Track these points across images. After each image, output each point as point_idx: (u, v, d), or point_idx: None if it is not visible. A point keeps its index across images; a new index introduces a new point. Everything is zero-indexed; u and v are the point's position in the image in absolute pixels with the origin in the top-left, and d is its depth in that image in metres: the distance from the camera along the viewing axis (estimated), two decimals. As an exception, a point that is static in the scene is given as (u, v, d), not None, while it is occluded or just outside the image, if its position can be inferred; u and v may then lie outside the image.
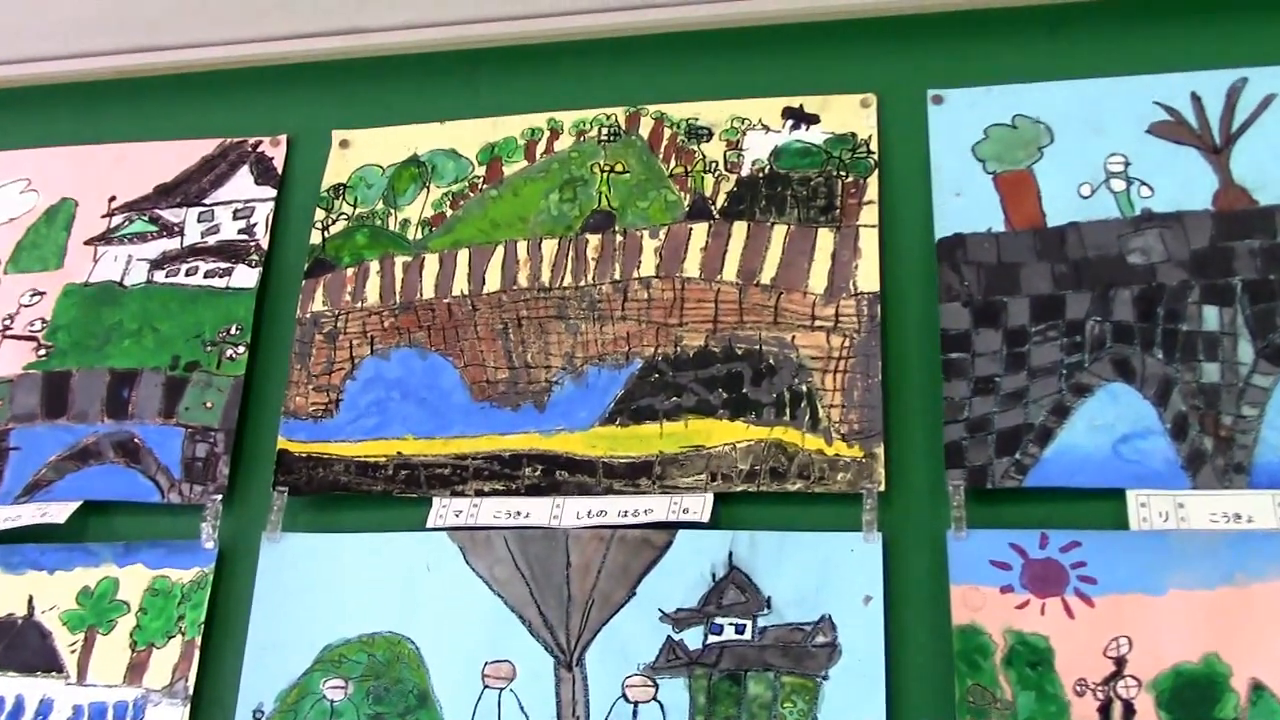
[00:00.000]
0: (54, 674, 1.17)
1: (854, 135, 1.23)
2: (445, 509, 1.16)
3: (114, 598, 1.19)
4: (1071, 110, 1.20)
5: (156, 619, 1.17)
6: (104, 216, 1.38)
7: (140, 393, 1.27)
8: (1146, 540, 1.02)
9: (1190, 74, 1.18)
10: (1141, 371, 1.08)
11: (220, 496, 1.20)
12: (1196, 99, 1.18)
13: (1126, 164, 1.16)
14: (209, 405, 1.24)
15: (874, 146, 1.22)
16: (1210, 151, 1.15)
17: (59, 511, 1.21)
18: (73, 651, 1.17)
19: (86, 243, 1.37)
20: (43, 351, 1.31)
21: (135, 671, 1.15)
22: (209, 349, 1.27)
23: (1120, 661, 1.00)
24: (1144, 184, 1.15)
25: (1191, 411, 1.06)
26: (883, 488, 1.08)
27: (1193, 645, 0.99)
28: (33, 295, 1.35)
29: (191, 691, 1.13)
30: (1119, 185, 1.16)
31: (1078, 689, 1.00)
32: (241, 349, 1.26)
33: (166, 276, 1.33)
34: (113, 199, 1.39)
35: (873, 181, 1.20)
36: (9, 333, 1.33)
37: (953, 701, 1.00)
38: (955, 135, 1.21)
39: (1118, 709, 0.98)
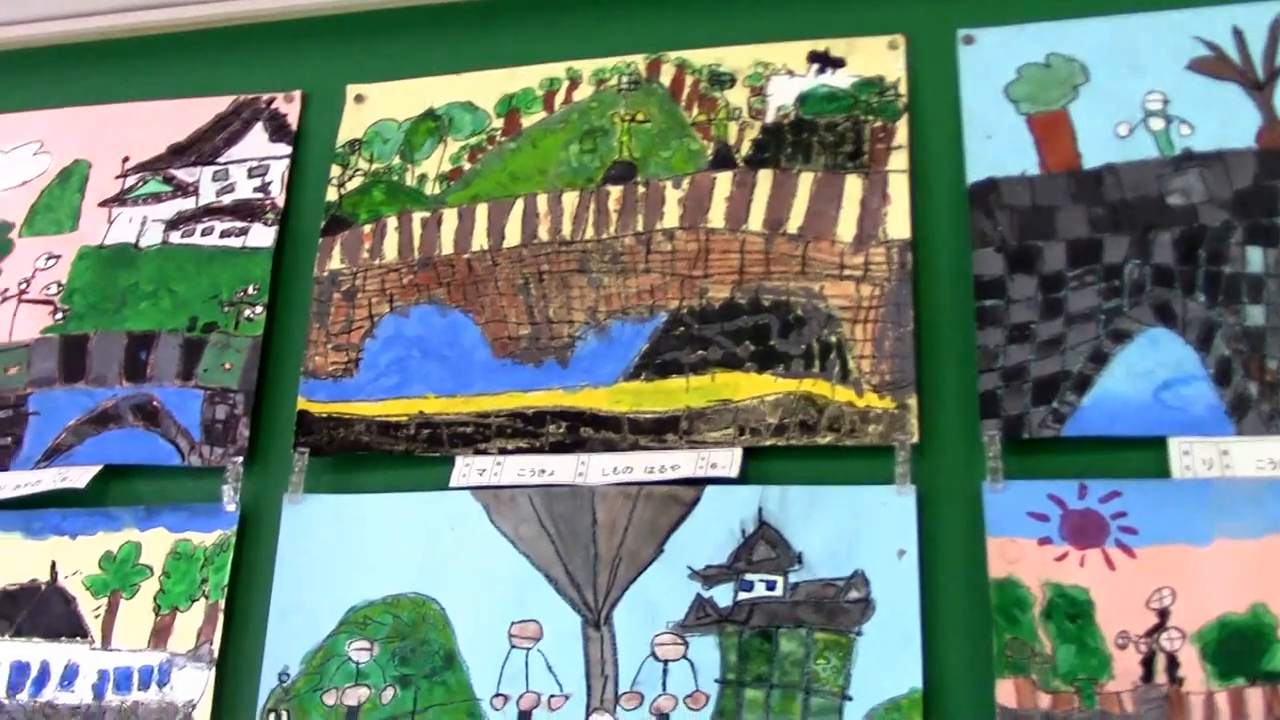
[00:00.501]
0: (78, 639, 1.15)
1: (882, 79, 1.19)
2: (468, 468, 1.13)
3: (137, 562, 1.17)
4: (1107, 47, 1.15)
5: (180, 582, 1.15)
6: (118, 177, 1.35)
7: (158, 355, 1.25)
8: (1190, 489, 0.99)
9: (1231, 7, 1.13)
10: (1183, 316, 1.04)
11: (241, 458, 1.18)
12: (1238, 33, 1.13)
13: (1166, 102, 1.12)
14: (228, 366, 1.22)
15: (903, 90, 1.18)
16: (1253, 88, 1.11)
17: (80, 476, 1.20)
18: (96, 616, 1.16)
19: (101, 204, 1.34)
20: (59, 315, 1.29)
21: (159, 635, 1.14)
22: (226, 310, 1.25)
23: (1163, 613, 0.97)
24: (1184, 122, 1.11)
25: (1236, 356, 1.02)
26: (916, 439, 1.05)
27: (1239, 596, 0.96)
28: (48, 259, 1.32)
29: (216, 655, 1.11)
30: (1158, 124, 1.11)
31: (1119, 642, 0.96)
32: (259, 309, 1.24)
33: (182, 237, 1.30)
34: (126, 159, 1.36)
35: (902, 126, 1.16)
36: (25, 297, 1.31)
37: (990, 656, 0.97)
38: (987, 76, 1.16)
39: (1161, 661, 0.95)
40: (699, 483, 1.07)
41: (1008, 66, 1.17)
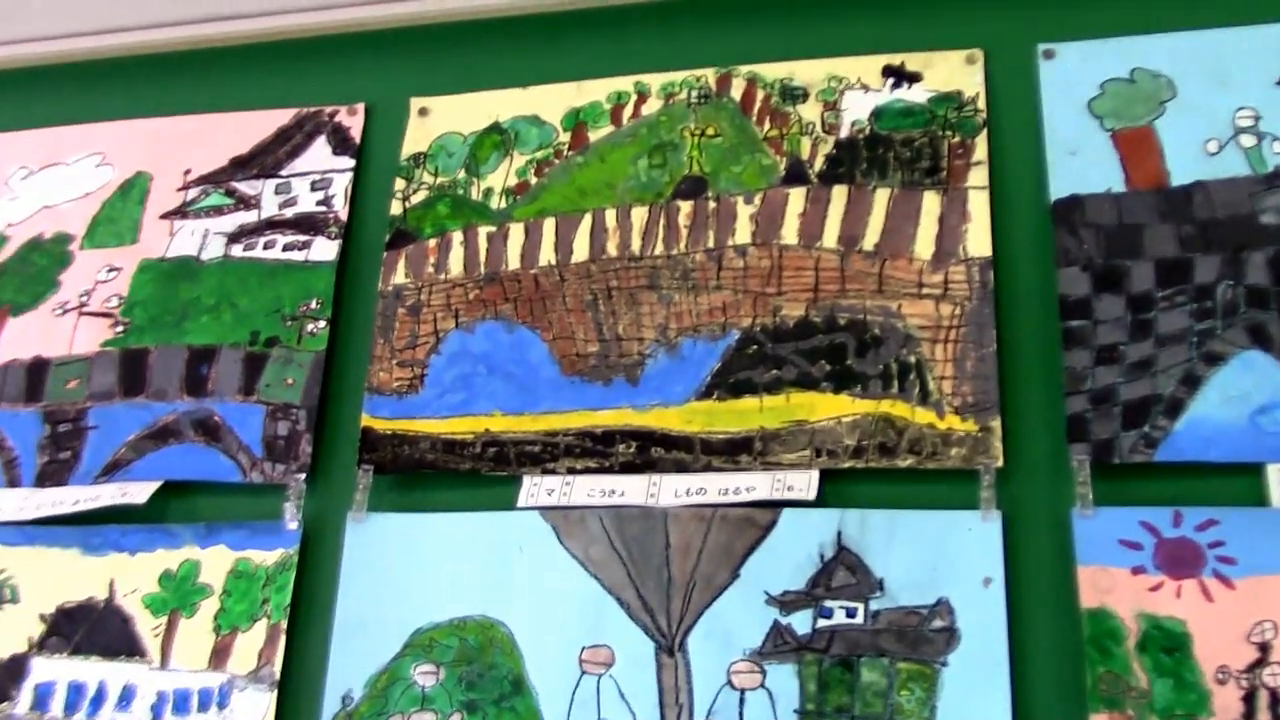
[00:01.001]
0: (137, 658, 1.13)
1: (960, 93, 1.15)
2: (536, 488, 1.10)
3: (196, 580, 1.15)
4: (1194, 63, 1.12)
5: (240, 602, 1.12)
6: (179, 190, 1.33)
7: (219, 369, 1.22)
8: (1290, 518, 0.95)
9: (1323, 21, 1.10)
10: (1279, 338, 1.00)
11: (303, 475, 1.15)
12: (1331, 47, 1.09)
13: (1257, 118, 1.08)
14: (290, 382, 1.20)
15: (981, 105, 1.15)
16: (1347, 103, 1.07)
17: (139, 491, 1.17)
18: (155, 635, 1.13)
19: (162, 217, 1.32)
20: (120, 328, 1.27)
21: (219, 656, 1.11)
22: (289, 324, 1.23)
23: (1265, 647, 0.92)
24: (1276, 139, 1.07)
25: (1334, 380, 0.98)
26: (1000, 463, 1.01)
27: (1343, 630, 0.91)
28: (109, 271, 1.30)
29: (278, 677, 1.08)
30: (1249, 141, 1.07)
31: (1219, 677, 0.92)
32: (322, 323, 1.22)
33: (244, 250, 1.28)
34: (188, 172, 1.34)
35: (981, 141, 1.13)
36: (85, 310, 1.29)
37: (1083, 690, 0.93)
38: (1068, 91, 1.13)
39: (1263, 698, 0.91)
40: (775, 505, 1.04)
41: (1090, 82, 1.13)
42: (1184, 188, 1.07)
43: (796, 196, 1.15)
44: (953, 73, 1.17)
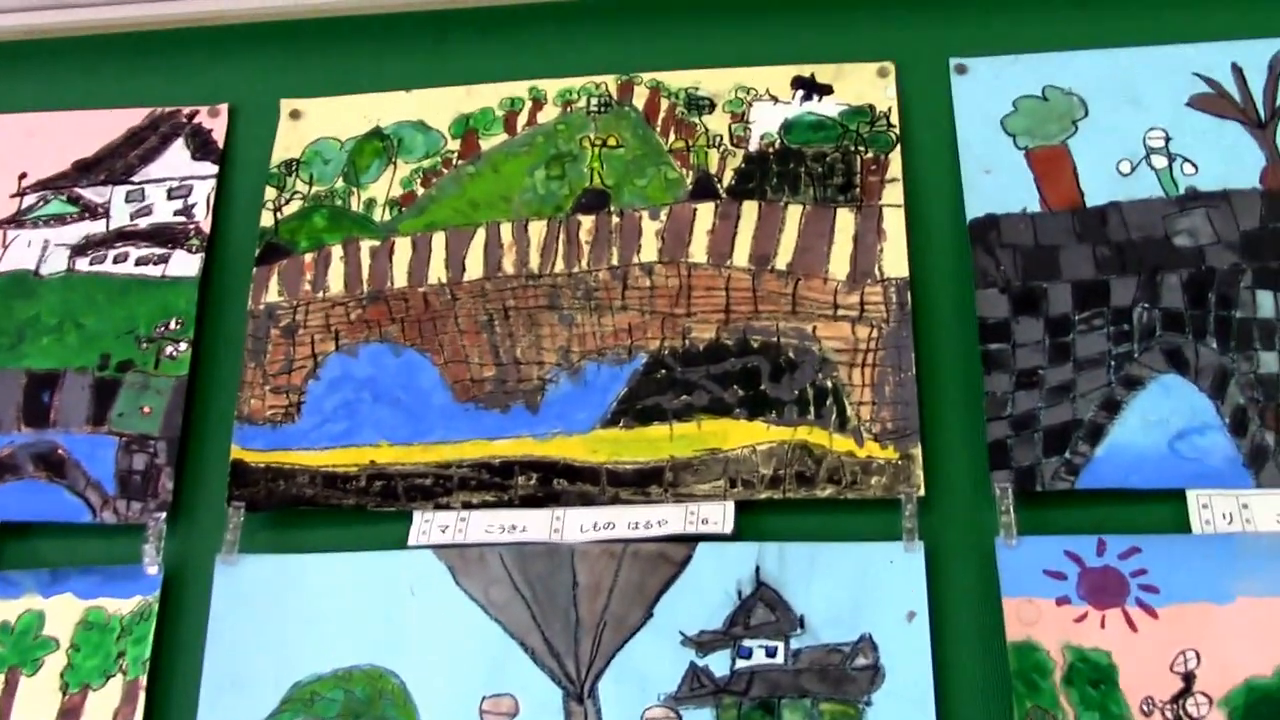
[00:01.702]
0: (-30, 723, 1.06)
1: (872, 107, 1.18)
2: (429, 524, 1.08)
3: (39, 633, 1.09)
4: (1105, 81, 1.16)
5: (92, 657, 1.07)
6: (14, 196, 1.27)
7: (64, 397, 1.17)
8: (1210, 544, 0.99)
9: (1230, 44, 1.16)
10: (1195, 362, 1.05)
11: (164, 514, 1.11)
12: (1238, 70, 1.15)
13: (1167, 139, 1.13)
14: (147, 410, 1.15)
15: (894, 119, 1.17)
16: (1255, 126, 1.13)
17: (-28, 535, 1.11)
18: (-8, 697, 1.07)
19: (-6, 226, 1.26)
20: (-54, 351, 1.20)
21: (68, 718, 1.05)
22: (145, 346, 1.18)
23: (1188, 677, 0.96)
24: (1187, 160, 1.12)
25: (1251, 404, 1.03)
26: (922, 492, 1.03)
27: (1265, 657, 0.96)
28: (-69, 287, 1.23)
29: (138, 739, 1.03)
30: (1160, 162, 1.13)
31: (1144, 708, 0.95)
32: (184, 345, 1.17)
33: (91, 264, 1.23)
34: (23, 176, 1.28)
35: (895, 157, 1.16)
36: (-96, 329, 1.21)
37: (1011, 726, 0.96)
38: (982, 107, 1.17)
39: (1189, 729, 0.95)
40: (689, 540, 1.04)
41: (1003, 98, 1.17)
42: (1099, 208, 1.11)
43: (705, 212, 1.16)
44: (864, 85, 1.19)
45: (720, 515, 1.05)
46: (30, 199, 1.27)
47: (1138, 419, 1.04)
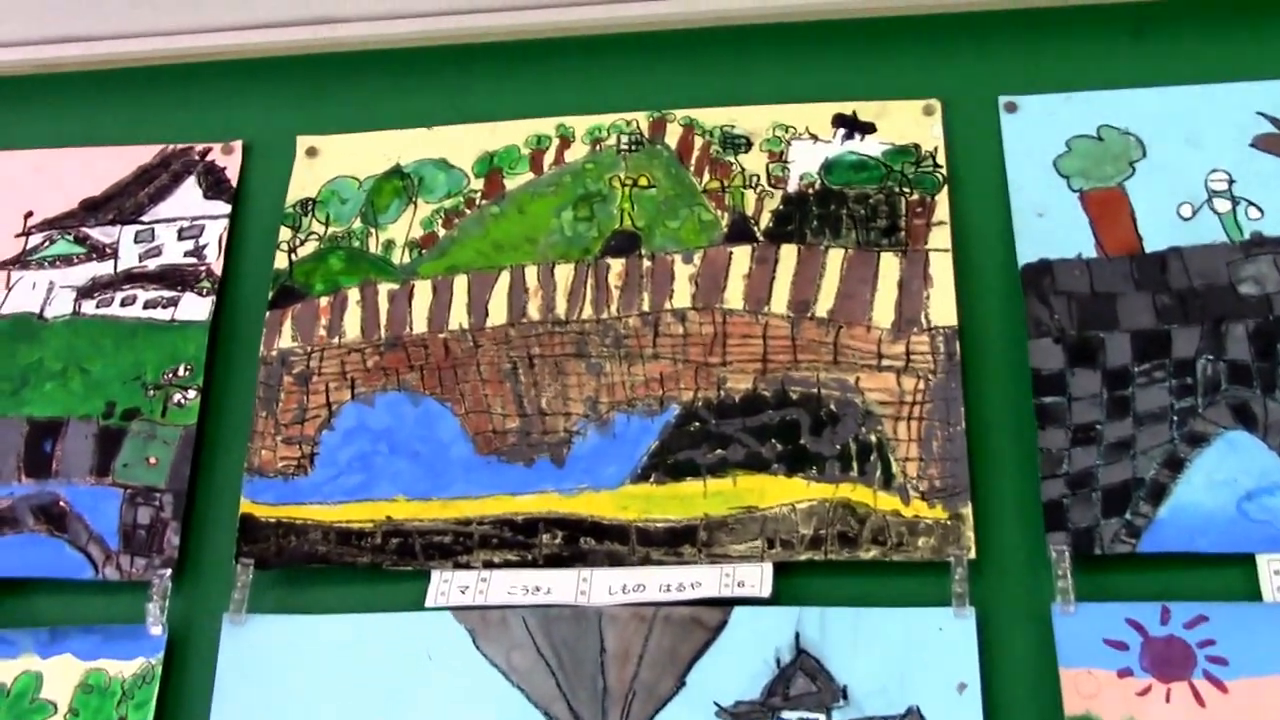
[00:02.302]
0: (-39, 792, 1.05)
1: (917, 147, 1.18)
2: (447, 584, 1.07)
3: (36, 696, 1.08)
4: (1163, 121, 1.16)
5: (91, 722, 1.06)
6: (19, 236, 1.28)
7: (67, 446, 1.17)
8: (1283, 613, 0.97)
9: (1296, 81, 1.15)
10: (1264, 418, 1.03)
11: (169, 571, 1.10)
12: (1305, 109, 1.14)
13: (1230, 181, 1.12)
14: (153, 461, 1.15)
15: (941, 159, 1.17)
16: (1323, 168, 1.12)
17: (-33, 591, 1.10)
18: (-15, 764, 1.06)
19: (-3, 267, 1.27)
20: (-56, 397, 1.20)
21: (65, 787, 1.05)
22: (152, 394, 1.18)
23: (1261, 757, 0.94)
24: (1251, 204, 1.11)
25: (1323, 464, 1.01)
26: (973, 555, 1.02)
27: (1343, 736, 0.94)
28: (-68, 330, 1.24)
29: (138, 811, 1.02)
30: (1223, 206, 1.12)
31: (1214, 790, 0.93)
32: (192, 393, 1.17)
33: (98, 307, 1.23)
34: (29, 215, 1.29)
35: (942, 199, 1.15)
36: (-98, 374, 1.21)
37: (1070, 808, 0.94)
38: (1033, 147, 1.16)
39: (1262, 813, 0.92)
40: (725, 603, 1.03)
41: (1056, 138, 1.17)
42: (1159, 254, 1.10)
43: (741, 256, 1.15)
44: (909, 124, 1.19)
45: (757, 578, 1.03)
46: (36, 239, 1.28)
47: (1203, 478, 1.02)
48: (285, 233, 1.23)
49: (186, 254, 1.24)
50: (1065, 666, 0.97)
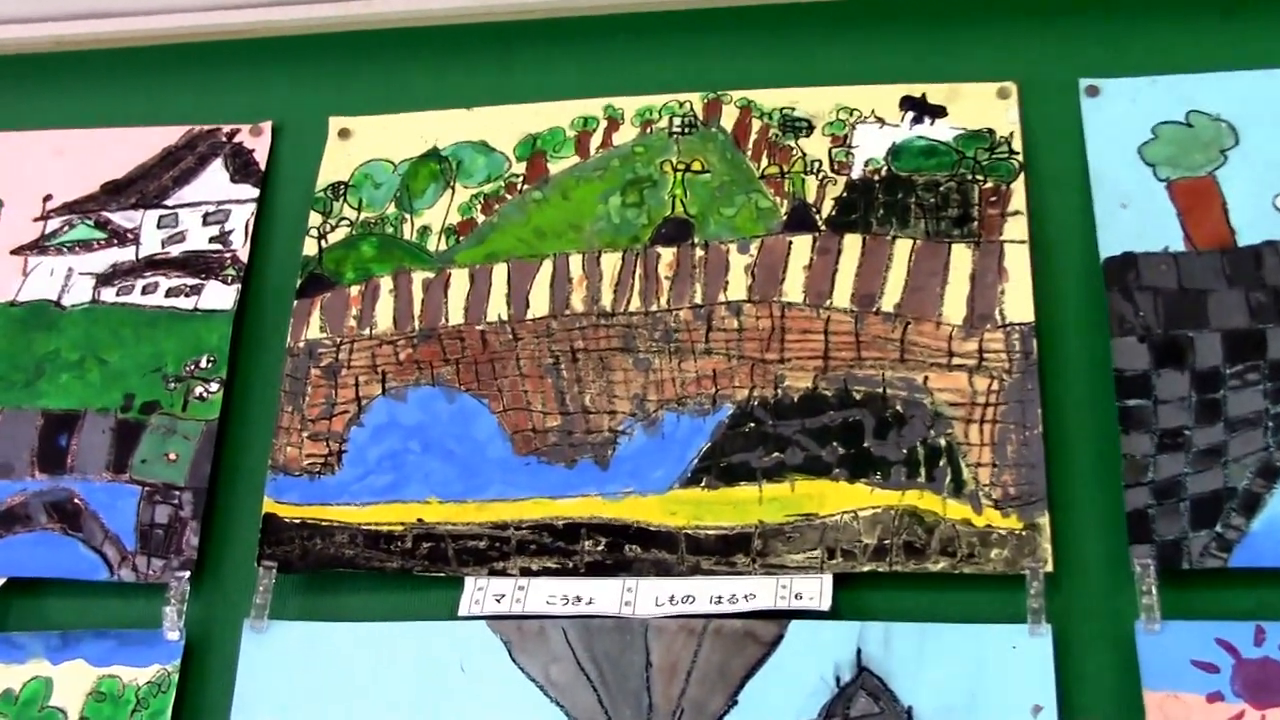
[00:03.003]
0: (-34, 803, 1.05)
1: (991, 132, 1.16)
2: (482, 592, 1.06)
3: (46, 703, 1.08)
4: (1258, 106, 1.14)
5: (103, 732, 1.06)
6: (37, 220, 1.28)
7: (83, 441, 1.17)
8: (1389, 636, 0.95)
9: (1404, 62, 1.13)
10: (1366, 424, 1.01)
11: (188, 574, 1.10)
12: None
13: (1331, 170, 1.10)
14: (173, 457, 1.15)
15: (1017, 145, 1.15)
16: None
17: (-25, 592, 1.11)
18: (-9, 774, 1.06)
19: (14, 252, 1.27)
20: (-45, 388, 1.20)
21: (75, 801, 1.04)
22: (173, 386, 1.18)
23: (1365, 791, 0.91)
24: (1354, 194, 1.09)
25: None
26: (1050, 568, 0.99)
27: None
28: (-56, 317, 1.24)
29: (151, 828, 1.02)
30: (1324, 197, 1.09)
31: (1313, 827, 0.91)
32: (215, 386, 1.17)
33: (118, 295, 1.23)
34: (48, 198, 1.29)
35: (1017, 187, 1.13)
36: (-89, 364, 1.22)
37: (1154, 842, 0.91)
38: (1116, 134, 1.15)
39: None
40: (781, 616, 1.01)
41: (1141, 124, 1.15)
42: (1252, 248, 1.08)
43: (801, 245, 1.14)
44: (982, 108, 1.18)
45: (816, 590, 1.02)
46: (55, 223, 1.28)
47: (1301, 489, 0.99)
48: (315, 218, 1.23)
49: (211, 240, 1.25)
50: (1149, 689, 0.95)
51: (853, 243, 1.13)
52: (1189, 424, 1.03)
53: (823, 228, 1.15)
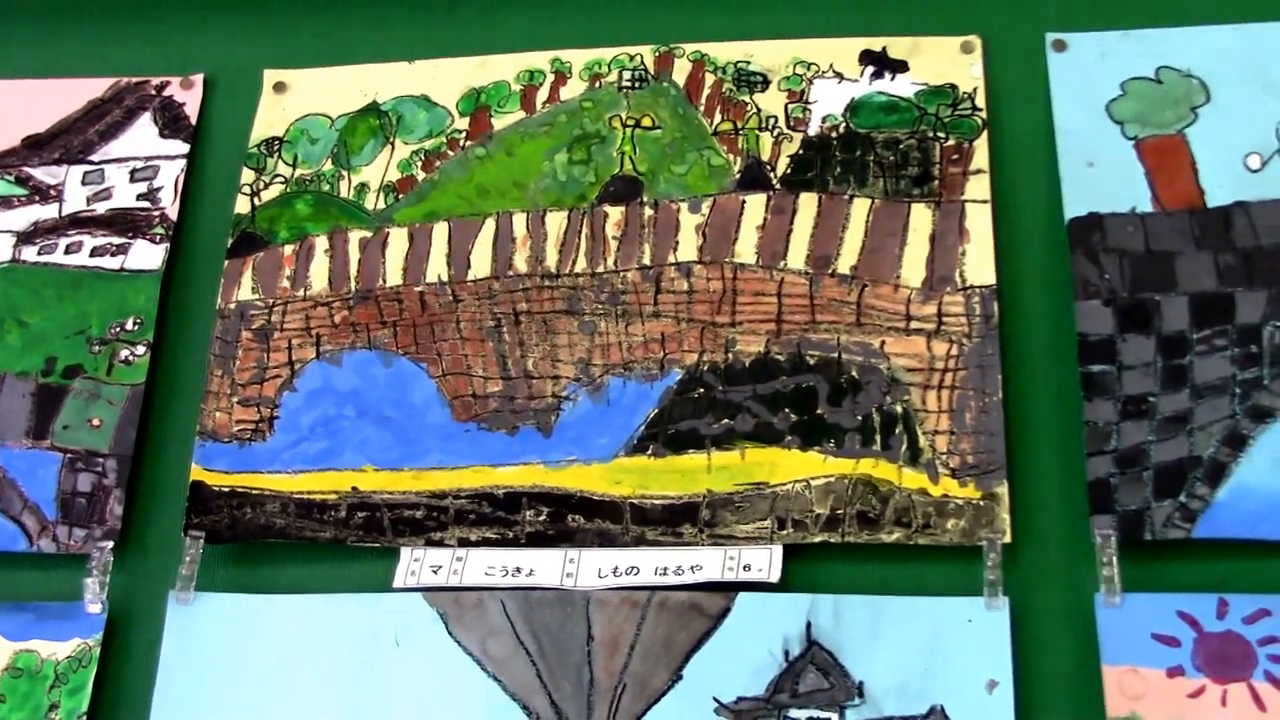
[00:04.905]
0: (-127, 784, 1.05)
1: (954, 87, 1.17)
2: (418, 563, 1.06)
3: (-42, 680, 1.07)
4: (1231, 62, 1.14)
5: (19, 709, 1.05)
6: (-47, 175, 1.28)
7: (1, 406, 1.16)
8: (1355, 609, 0.95)
9: (1380, 18, 1.14)
10: (1337, 392, 1.02)
11: (111, 544, 1.10)
12: (1389, 50, 1.13)
13: (1306, 129, 1.11)
14: (96, 423, 1.14)
15: (980, 102, 1.16)
16: None
17: (-115, 563, 1.10)
18: (-100, 754, 1.05)
19: (-71, 208, 1.27)
20: None
21: (-11, 781, 1.04)
22: (97, 349, 1.17)
23: (1329, 767, 0.92)
24: (1328, 155, 1.10)
25: (1403, 444, 1.00)
26: (1008, 539, 1.00)
27: None
28: None
29: (68, 809, 1.02)
30: (1297, 156, 1.10)
31: (1274, 804, 0.92)
32: (141, 349, 1.17)
33: (39, 254, 1.23)
34: (-35, 153, 1.29)
35: (980, 145, 1.14)
36: None
37: (1109, 820, 0.92)
38: (1084, 90, 1.15)
39: (1329, 829, 0.91)
40: (728, 589, 1.01)
41: (1110, 80, 1.15)
42: (1222, 209, 1.09)
43: (754, 205, 1.14)
44: (945, 62, 1.18)
45: (766, 561, 1.02)
46: (-28, 178, 1.28)
47: (1267, 458, 1.00)
48: (248, 175, 1.23)
49: (139, 197, 1.24)
50: (1109, 664, 0.95)
51: (808, 202, 1.14)
52: (1154, 390, 1.03)
53: (777, 186, 1.15)
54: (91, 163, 1.27)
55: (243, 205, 1.22)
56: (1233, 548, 0.98)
